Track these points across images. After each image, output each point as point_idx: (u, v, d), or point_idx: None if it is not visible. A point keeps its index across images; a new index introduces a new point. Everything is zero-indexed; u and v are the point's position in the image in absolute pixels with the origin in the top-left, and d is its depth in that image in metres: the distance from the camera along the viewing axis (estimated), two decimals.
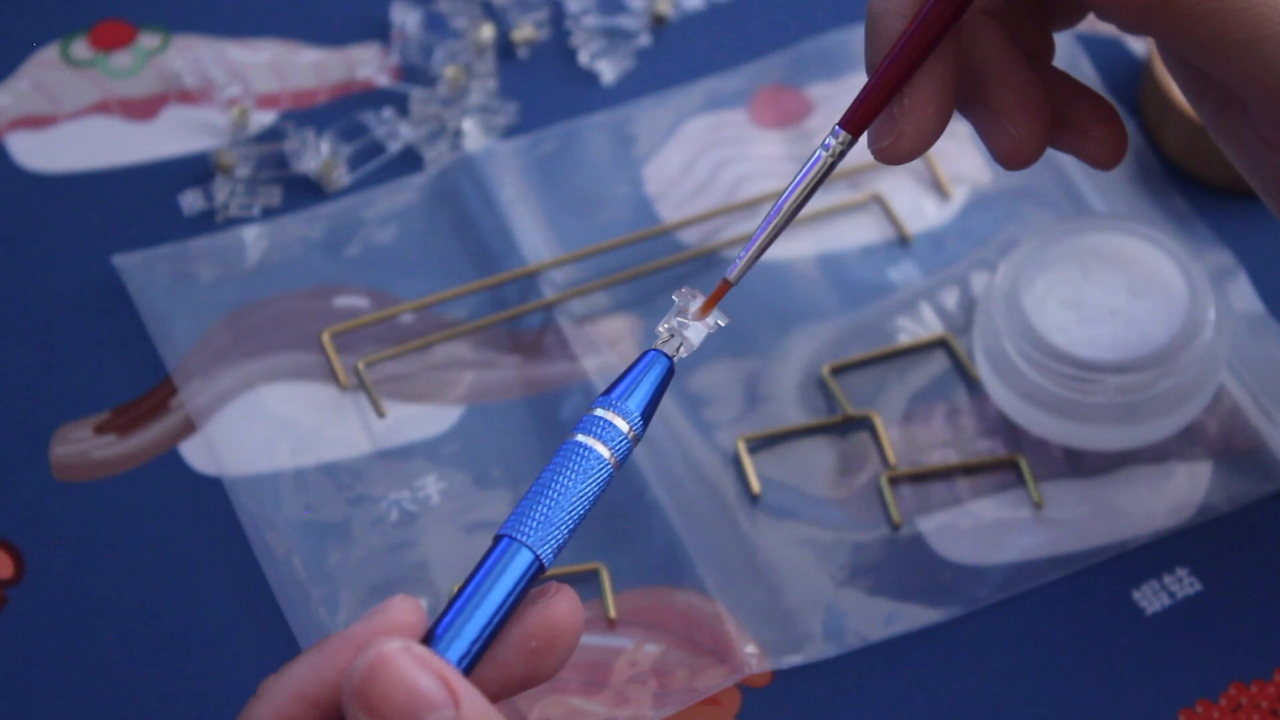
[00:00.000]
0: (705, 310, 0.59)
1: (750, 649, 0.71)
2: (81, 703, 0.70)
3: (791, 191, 0.60)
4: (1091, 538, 0.73)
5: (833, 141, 0.60)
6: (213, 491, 0.75)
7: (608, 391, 0.55)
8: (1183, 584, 0.73)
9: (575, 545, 0.73)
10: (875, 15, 0.61)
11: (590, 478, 0.54)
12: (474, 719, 0.50)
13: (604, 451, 0.54)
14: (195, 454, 0.76)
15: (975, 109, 0.63)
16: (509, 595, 0.52)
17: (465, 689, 0.50)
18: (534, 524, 0.53)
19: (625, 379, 0.56)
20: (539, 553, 0.53)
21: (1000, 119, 0.63)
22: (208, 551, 0.73)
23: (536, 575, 0.53)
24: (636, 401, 0.55)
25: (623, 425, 0.54)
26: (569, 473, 0.54)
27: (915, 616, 0.72)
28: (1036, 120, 0.62)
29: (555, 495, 0.53)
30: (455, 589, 0.55)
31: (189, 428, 0.76)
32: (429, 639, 0.52)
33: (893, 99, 0.61)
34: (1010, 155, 0.63)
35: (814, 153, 0.61)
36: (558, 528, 0.53)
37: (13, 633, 0.72)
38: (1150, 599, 0.72)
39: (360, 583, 0.72)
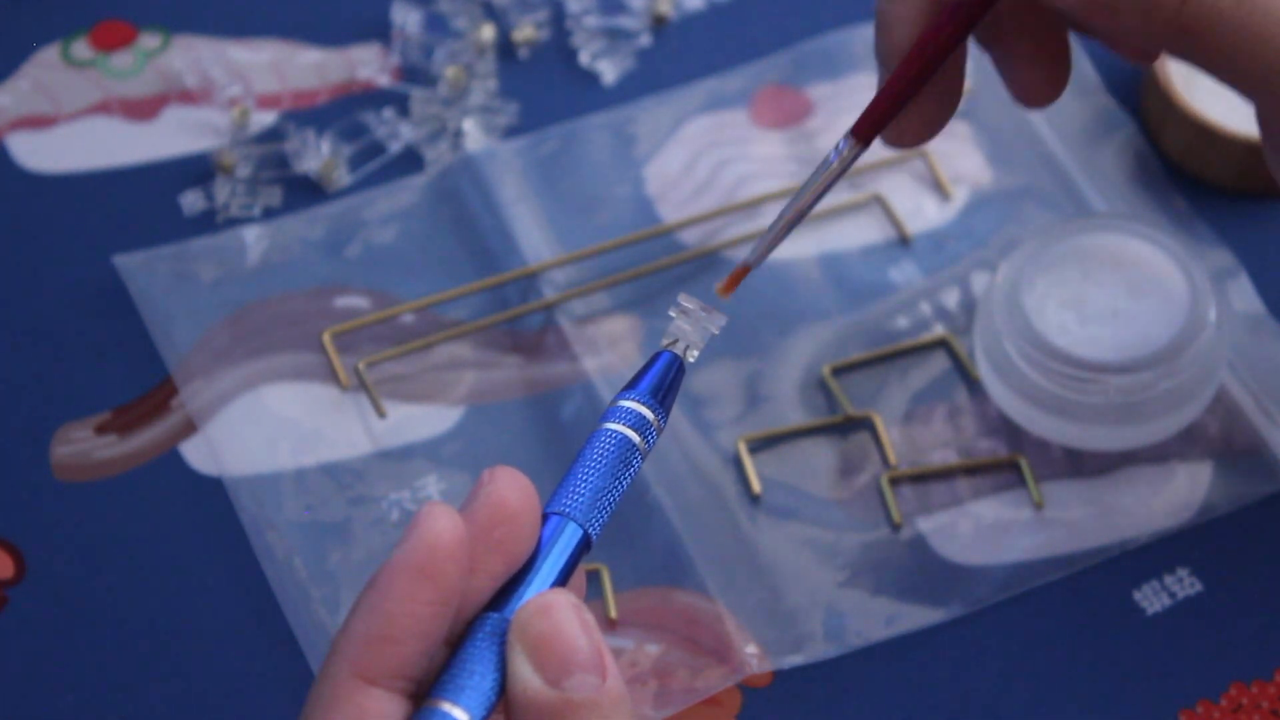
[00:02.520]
0: (726, 290, 0.61)
1: (751, 649, 0.71)
2: (82, 703, 0.70)
3: (799, 196, 0.61)
4: (1092, 538, 0.73)
5: (844, 146, 0.61)
6: (213, 492, 0.75)
7: (629, 386, 0.57)
8: (1183, 584, 0.73)
9: None
10: (884, 18, 0.62)
11: (625, 461, 0.55)
12: (615, 696, 0.51)
13: (635, 437, 0.56)
14: (196, 454, 0.76)
15: (994, 49, 0.63)
16: (563, 567, 0.54)
17: (614, 668, 0.51)
18: (580, 501, 0.54)
19: (645, 376, 0.57)
20: (587, 528, 0.54)
21: (1017, 61, 0.63)
22: (208, 552, 0.73)
23: (585, 550, 0.54)
24: (658, 395, 0.57)
25: (649, 414, 0.56)
26: (606, 456, 0.55)
27: (916, 617, 0.72)
28: (1055, 65, 0.63)
29: (596, 476, 0.55)
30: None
31: (190, 428, 0.76)
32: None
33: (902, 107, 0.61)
34: (1028, 99, 0.64)
35: (826, 158, 0.61)
36: (600, 507, 0.55)
37: (13, 633, 0.72)
38: (1151, 599, 0.72)
39: (360, 583, 0.72)
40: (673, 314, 0.59)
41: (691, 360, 0.59)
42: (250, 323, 0.78)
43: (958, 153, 0.83)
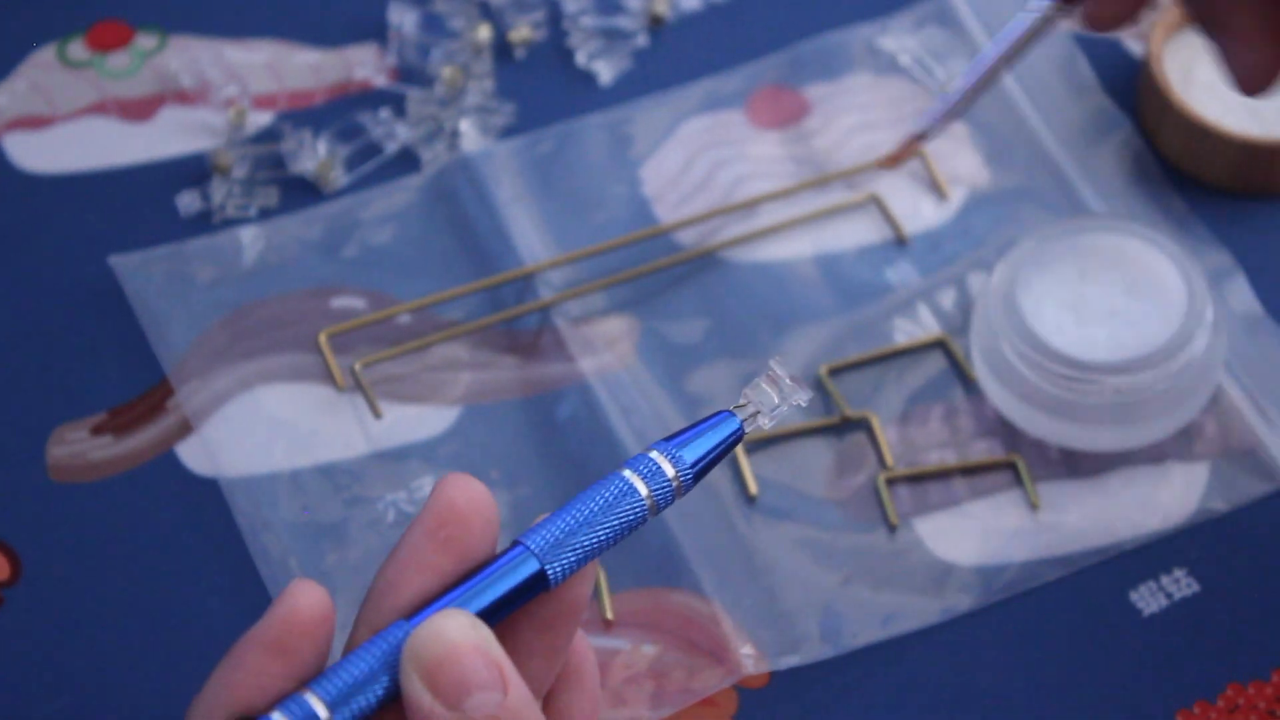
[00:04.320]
0: (891, 161, 0.54)
1: (747, 650, 0.71)
2: (79, 704, 0.70)
3: (985, 60, 0.56)
4: (1089, 538, 0.73)
5: (1044, 2, 0.56)
6: (209, 493, 0.75)
7: (670, 437, 0.54)
8: (1180, 585, 0.73)
9: None
10: None
11: (620, 511, 0.53)
12: (518, 707, 0.50)
13: (642, 490, 0.53)
14: (192, 455, 0.75)
15: (1214, 30, 0.60)
16: (502, 596, 0.52)
17: (515, 678, 0.51)
18: (550, 538, 0.53)
19: (690, 430, 0.54)
20: (546, 565, 0.52)
21: (1238, 45, 0.60)
22: (204, 553, 0.73)
23: (539, 588, 0.53)
24: (692, 453, 0.54)
25: (669, 470, 0.53)
26: (601, 500, 0.53)
27: (912, 617, 0.72)
28: (1274, 43, 0.60)
29: (580, 518, 0.53)
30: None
31: (186, 429, 0.76)
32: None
33: None
34: (1246, 84, 0.60)
35: (1018, 18, 0.55)
36: (573, 548, 0.53)
37: (10, 634, 0.72)
38: (1148, 600, 0.72)
39: (357, 584, 0.72)
40: (766, 374, 0.55)
41: (758, 427, 0.55)
42: (246, 323, 0.78)
43: (955, 153, 0.83)
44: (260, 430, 0.76)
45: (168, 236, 0.80)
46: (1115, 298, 0.75)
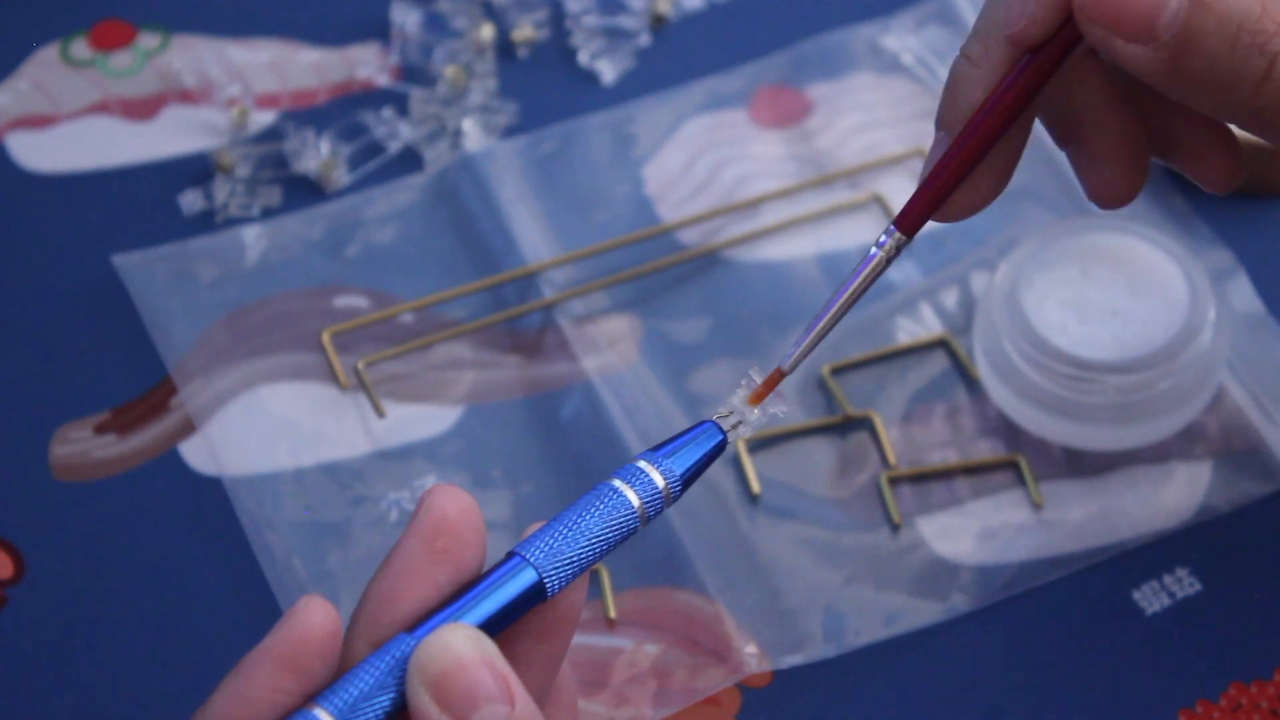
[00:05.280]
0: (756, 400, 0.58)
1: (750, 649, 0.71)
2: (81, 703, 0.70)
3: (844, 290, 0.58)
4: (1091, 538, 0.73)
5: (887, 240, 0.59)
6: (212, 492, 0.75)
7: (656, 448, 0.55)
8: (1182, 584, 0.73)
9: None
10: (957, 80, 0.59)
11: (613, 522, 0.54)
12: (526, 719, 0.51)
13: (634, 500, 0.54)
14: (195, 454, 0.76)
15: (1070, 147, 0.63)
16: (503, 608, 0.52)
17: (521, 690, 0.51)
18: (547, 550, 0.53)
19: (675, 440, 0.55)
20: (544, 576, 0.53)
21: (1095, 161, 0.62)
22: (207, 552, 0.73)
23: (537, 599, 0.53)
24: (680, 464, 0.55)
25: (659, 481, 0.54)
26: (595, 511, 0.54)
27: (915, 616, 0.72)
28: (1132, 165, 0.62)
29: (575, 529, 0.53)
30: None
31: (189, 428, 0.76)
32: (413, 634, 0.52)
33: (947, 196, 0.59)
34: (1103, 197, 0.63)
35: (869, 251, 0.58)
36: (570, 560, 0.53)
37: (12, 633, 0.72)
38: (1150, 599, 0.72)
39: (360, 583, 0.71)
40: (742, 384, 0.57)
41: (739, 437, 0.56)
42: (249, 322, 0.78)
43: None
44: (263, 429, 0.76)
45: (170, 236, 0.80)
46: (1118, 297, 0.75)
